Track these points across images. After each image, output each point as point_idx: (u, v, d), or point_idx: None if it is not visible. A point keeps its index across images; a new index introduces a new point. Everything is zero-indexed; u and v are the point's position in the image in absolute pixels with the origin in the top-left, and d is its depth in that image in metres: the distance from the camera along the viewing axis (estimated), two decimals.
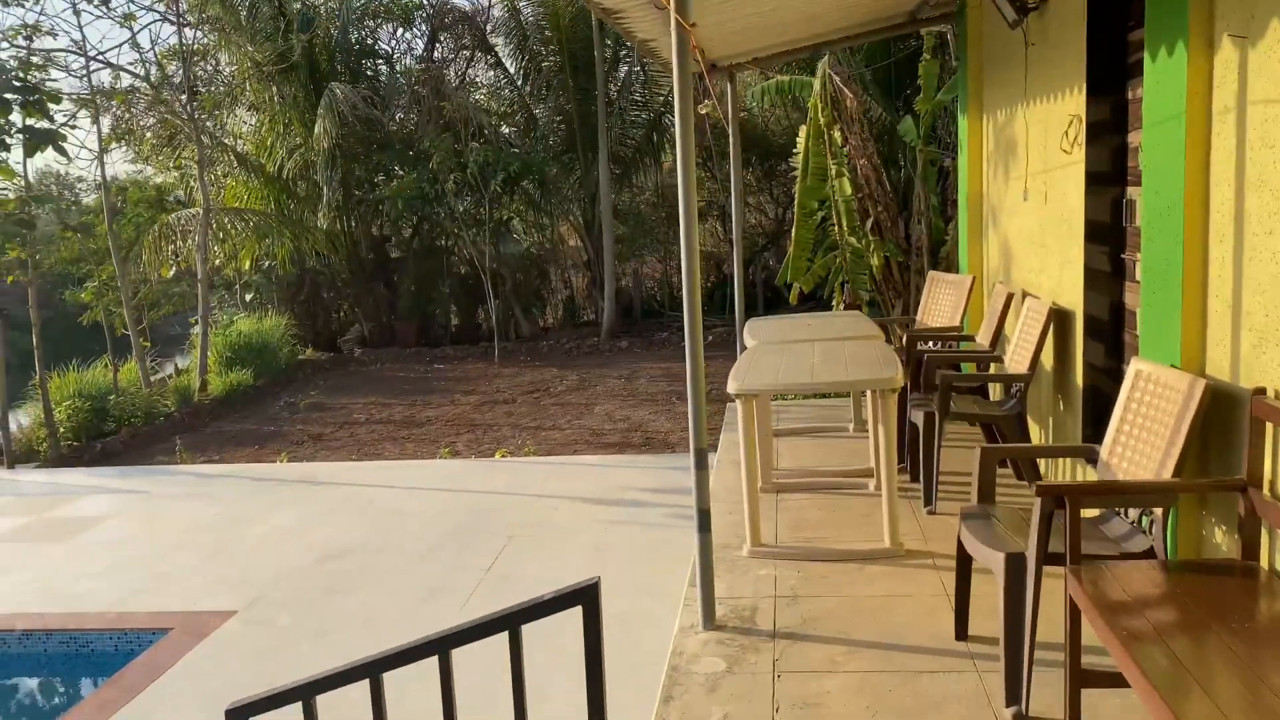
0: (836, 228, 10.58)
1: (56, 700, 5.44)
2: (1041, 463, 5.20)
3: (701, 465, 3.55)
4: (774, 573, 4.23)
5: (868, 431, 5.63)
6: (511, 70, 17.73)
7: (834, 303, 11.00)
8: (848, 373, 4.51)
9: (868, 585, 4.06)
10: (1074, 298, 4.74)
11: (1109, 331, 4.52)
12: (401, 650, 2.40)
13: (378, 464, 8.95)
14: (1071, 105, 4.71)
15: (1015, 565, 2.96)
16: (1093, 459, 3.44)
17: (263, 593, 5.73)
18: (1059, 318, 4.96)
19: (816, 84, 10.56)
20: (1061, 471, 5.05)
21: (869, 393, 5.03)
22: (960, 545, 3.40)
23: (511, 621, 2.30)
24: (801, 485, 5.42)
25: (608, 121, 16.33)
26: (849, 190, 10.26)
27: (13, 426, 10.74)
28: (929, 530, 4.65)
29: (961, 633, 3.53)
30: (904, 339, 6.41)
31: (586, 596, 2.25)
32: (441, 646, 2.32)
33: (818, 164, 10.52)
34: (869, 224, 10.53)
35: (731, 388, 4.35)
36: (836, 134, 10.30)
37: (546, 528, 6.62)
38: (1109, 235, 4.49)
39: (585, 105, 16.64)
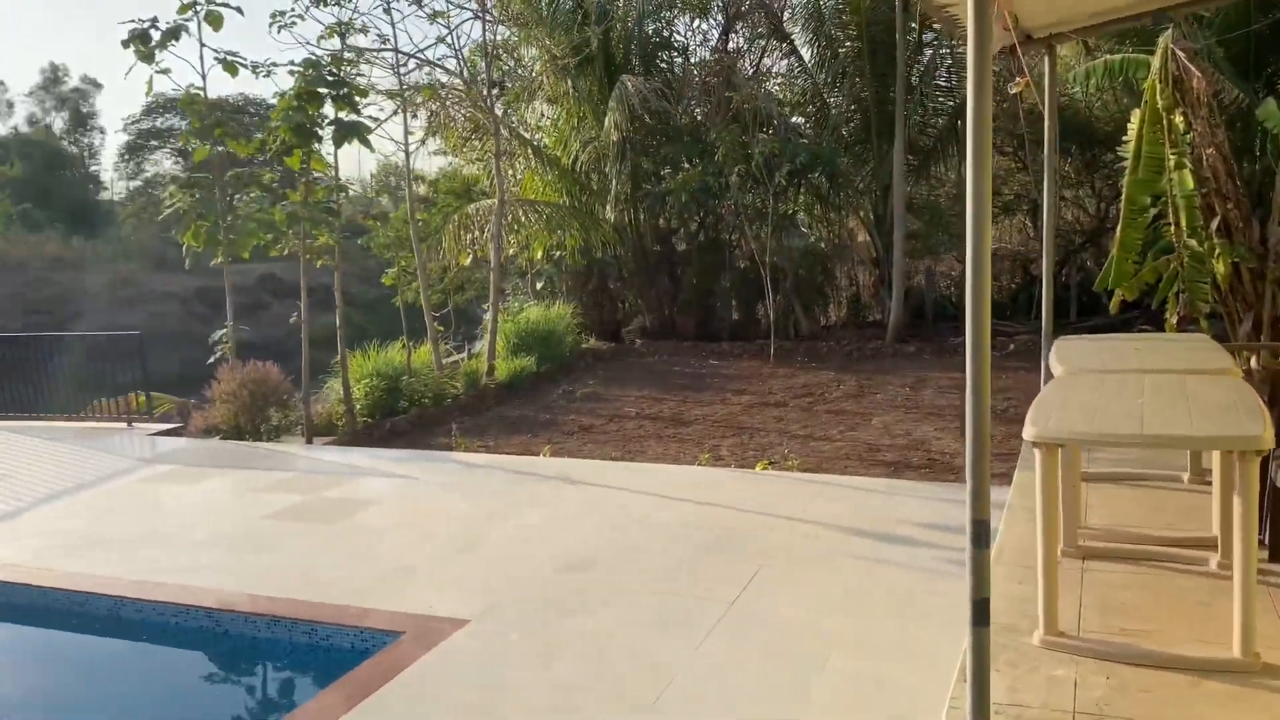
0: (1173, 227, 8.98)
1: (290, 692, 5.48)
2: None
3: (981, 543, 2.74)
4: (1073, 674, 3.31)
5: (1210, 483, 4.47)
6: (806, 58, 17.02)
7: (1166, 313, 9.39)
8: (1192, 424, 3.46)
9: (1206, 711, 3.05)
10: None
11: None
12: None
13: (634, 466, 8.61)
14: None
15: None
16: None
17: (498, 601, 5.48)
18: None
19: (1155, 62, 9.00)
20: None
21: None
22: None
23: None
24: (1117, 552, 4.36)
25: (907, 109, 15.18)
26: (1191, 184, 8.65)
27: (317, 402, 11.48)
28: None
29: None
30: (1264, 371, 5.11)
31: None
32: None
33: (1152, 154, 8.96)
34: (1215, 224, 8.87)
35: (1029, 433, 3.45)
36: (1178, 119, 8.72)
37: (801, 559, 5.94)
38: None
39: (883, 92, 15.59)
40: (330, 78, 10.27)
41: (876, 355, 14.50)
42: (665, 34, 17.54)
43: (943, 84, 16.32)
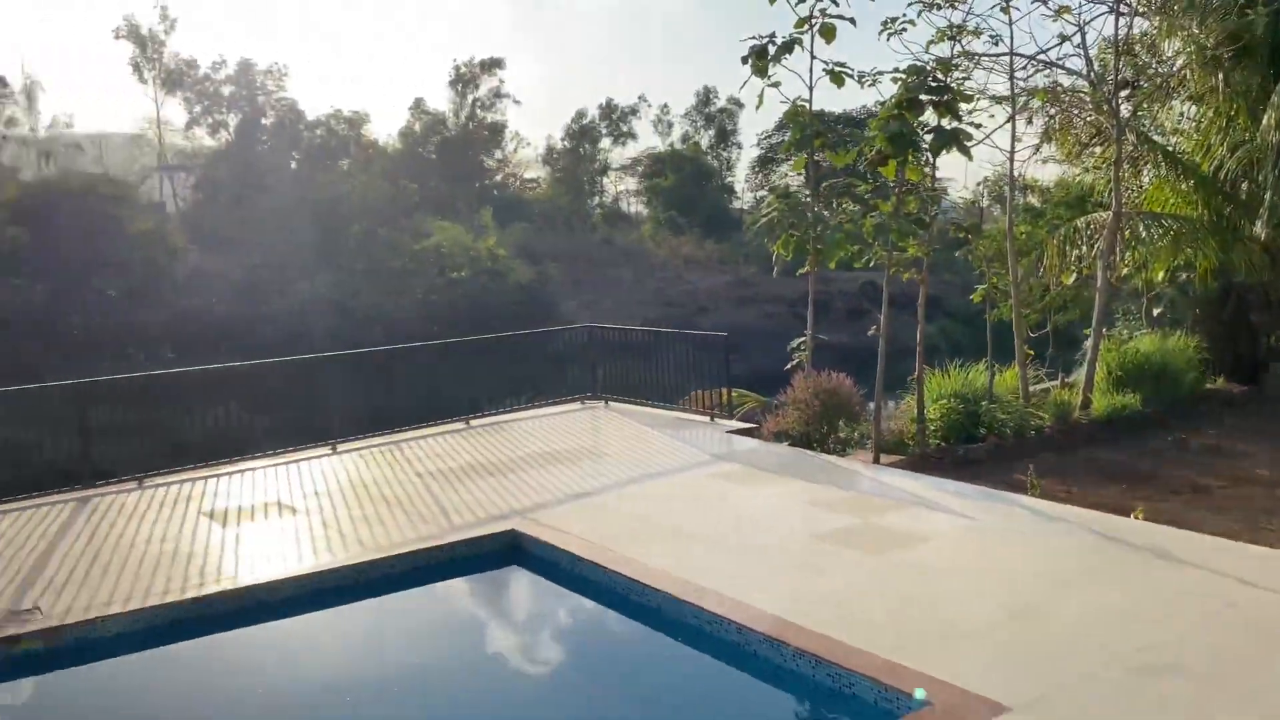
0: None
1: None
2: None
3: None
4: None
5: None
6: None
7: None
8: None
9: None
10: None
11: None
12: None
13: (1257, 551, 6.74)
14: None
15: None
16: None
17: (1048, 694, 4.61)
18: None
19: None
20: None
21: None
22: None
23: None
24: None
25: None
26: None
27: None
28: None
29: None
30: None
31: None
32: None
33: None
34: None
35: None
36: None
37: None
38: None
39: None
40: (933, 84, 9.82)
41: None
42: None
43: None
